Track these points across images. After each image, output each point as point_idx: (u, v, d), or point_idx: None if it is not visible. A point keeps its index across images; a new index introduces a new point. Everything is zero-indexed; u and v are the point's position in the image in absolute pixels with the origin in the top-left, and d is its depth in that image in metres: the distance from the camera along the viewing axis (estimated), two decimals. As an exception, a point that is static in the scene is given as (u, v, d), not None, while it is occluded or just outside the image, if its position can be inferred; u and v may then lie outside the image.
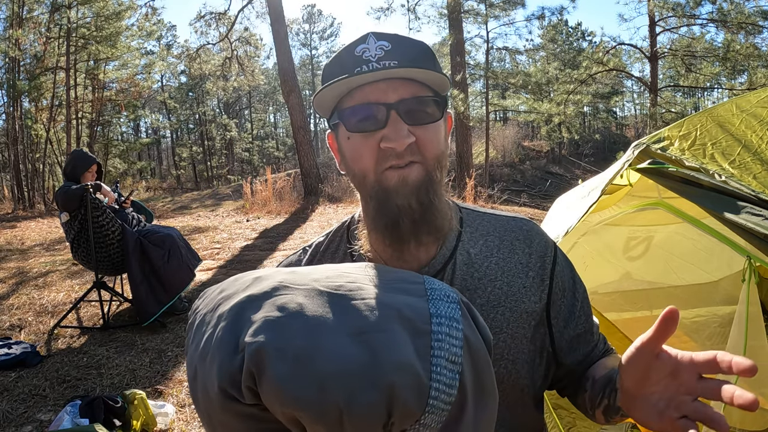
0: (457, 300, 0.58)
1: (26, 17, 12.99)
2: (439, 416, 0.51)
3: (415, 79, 0.70)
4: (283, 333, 0.51)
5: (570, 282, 0.83)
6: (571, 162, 22.85)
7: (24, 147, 13.29)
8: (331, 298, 0.55)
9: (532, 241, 0.81)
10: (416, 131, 0.69)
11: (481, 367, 0.56)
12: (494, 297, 0.76)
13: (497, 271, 0.78)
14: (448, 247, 0.78)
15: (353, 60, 0.70)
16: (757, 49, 13.69)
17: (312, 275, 0.60)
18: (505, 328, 0.75)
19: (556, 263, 0.81)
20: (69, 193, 3.58)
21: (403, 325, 0.53)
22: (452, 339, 0.53)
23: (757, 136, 1.65)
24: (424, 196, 0.69)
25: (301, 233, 7.53)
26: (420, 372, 0.50)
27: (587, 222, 2.11)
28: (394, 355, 0.50)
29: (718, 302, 2.39)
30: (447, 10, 14.16)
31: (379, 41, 0.71)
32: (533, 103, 17.29)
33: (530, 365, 0.78)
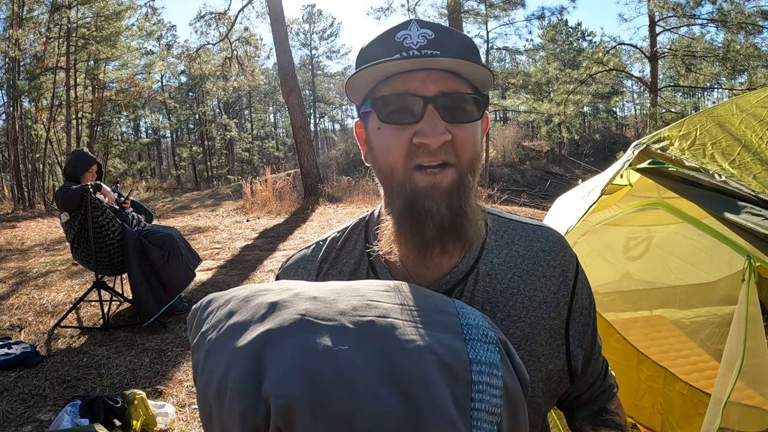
0: (495, 340, 0.54)
1: (26, 17, 12.99)
2: None
3: (458, 73, 0.65)
4: (314, 385, 0.46)
5: (587, 300, 0.79)
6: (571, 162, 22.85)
7: (24, 147, 13.29)
8: (364, 339, 0.50)
9: (557, 254, 0.76)
10: (453, 129, 0.64)
11: (517, 413, 0.53)
12: (515, 311, 0.71)
13: (520, 284, 0.73)
14: (472, 255, 0.73)
15: (393, 46, 0.66)
16: (757, 49, 13.70)
17: (337, 305, 0.55)
18: (524, 345, 0.71)
19: (578, 279, 0.77)
20: (69, 193, 3.58)
21: (442, 372, 0.49)
22: (492, 389, 0.50)
23: (757, 136, 1.65)
24: (455, 202, 0.65)
25: (301, 233, 7.53)
26: (460, 426, 0.47)
27: (587, 222, 2.11)
28: (434, 410, 0.46)
29: (718, 302, 2.39)
30: (447, 10, 14.16)
31: (422, 29, 0.66)
32: (533, 103, 17.30)
33: (546, 384, 0.74)
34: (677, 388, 2.13)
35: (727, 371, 1.41)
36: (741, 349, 1.37)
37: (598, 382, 0.85)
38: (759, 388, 1.53)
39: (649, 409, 2.18)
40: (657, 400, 2.17)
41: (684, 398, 2.09)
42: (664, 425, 2.12)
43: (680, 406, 2.09)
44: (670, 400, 2.13)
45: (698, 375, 2.20)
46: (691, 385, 2.10)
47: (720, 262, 2.40)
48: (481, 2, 14.41)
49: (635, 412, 2.21)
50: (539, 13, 15.66)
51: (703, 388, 2.08)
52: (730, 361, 1.41)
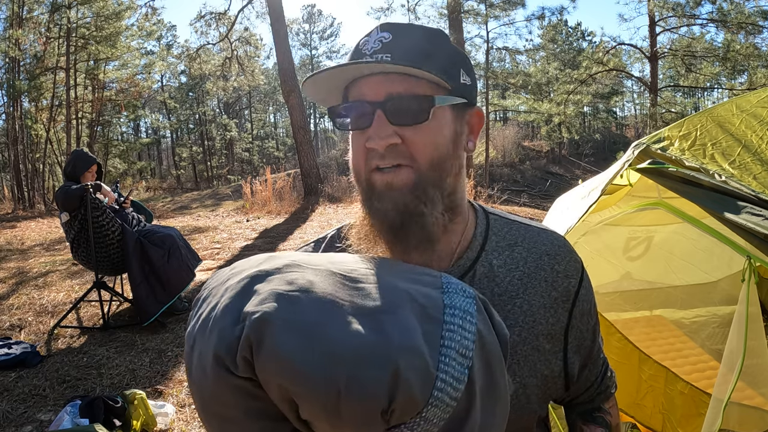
0: (474, 296, 0.55)
1: (26, 17, 12.99)
2: (443, 411, 0.48)
3: (411, 74, 0.64)
4: (290, 306, 0.49)
5: (588, 306, 0.78)
6: (571, 162, 22.85)
7: (24, 147, 13.29)
8: (344, 279, 0.54)
9: (561, 259, 0.75)
10: (403, 132, 0.64)
11: (494, 366, 0.53)
12: (513, 315, 0.70)
13: (520, 287, 0.72)
14: (470, 256, 0.72)
15: (355, 53, 0.68)
16: (757, 49, 13.70)
17: (327, 258, 0.59)
18: (519, 349, 0.70)
19: (582, 285, 0.76)
20: (69, 193, 3.58)
21: (415, 310, 0.51)
22: (465, 332, 0.50)
23: (757, 136, 1.65)
24: (410, 203, 0.64)
25: (301, 233, 7.53)
26: (428, 359, 0.47)
27: (587, 222, 2.11)
28: (402, 338, 0.48)
29: (718, 302, 2.39)
30: (447, 10, 14.16)
31: (381, 32, 0.66)
32: (533, 103, 17.30)
33: (541, 389, 0.73)
34: (678, 387, 2.12)
35: (727, 371, 1.41)
36: (741, 350, 1.37)
37: (594, 386, 0.85)
38: (759, 388, 1.53)
39: (650, 409, 2.18)
40: (658, 399, 2.17)
41: (685, 398, 2.09)
42: (665, 425, 2.12)
43: (681, 405, 2.09)
44: (671, 400, 2.13)
45: (698, 375, 2.20)
46: (693, 385, 2.10)
47: (720, 262, 2.40)
48: (481, 2, 14.40)
49: (636, 411, 2.21)
50: (539, 13, 15.65)
51: (704, 388, 2.08)
52: (731, 361, 1.41)
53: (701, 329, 2.45)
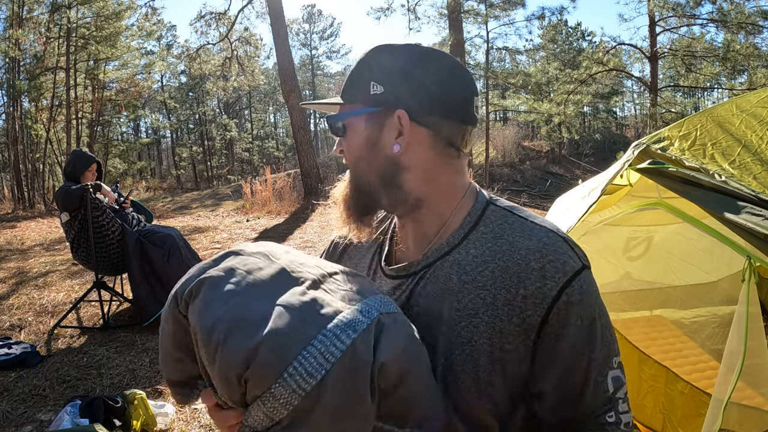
0: (374, 318, 0.63)
1: (26, 17, 12.99)
2: (290, 396, 0.56)
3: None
4: (230, 278, 0.65)
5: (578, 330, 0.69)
6: (571, 162, 22.84)
7: (24, 147, 13.29)
8: (283, 275, 0.66)
9: (543, 257, 0.70)
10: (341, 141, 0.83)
11: (358, 378, 0.59)
12: (473, 305, 0.70)
13: (489, 279, 0.71)
14: (451, 242, 0.76)
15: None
16: (757, 49, 13.69)
17: (295, 258, 0.72)
18: (476, 340, 0.69)
19: (565, 293, 0.68)
20: (69, 193, 3.57)
21: (306, 312, 0.61)
22: (337, 341, 0.58)
23: (757, 136, 1.65)
24: (349, 192, 0.83)
25: (301, 233, 7.53)
26: (290, 347, 0.57)
27: (587, 222, 2.11)
28: (278, 324, 0.58)
29: (718, 302, 2.39)
30: (447, 10, 14.16)
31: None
32: (533, 103, 17.29)
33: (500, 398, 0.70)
34: (679, 387, 2.12)
35: (727, 371, 1.41)
36: (741, 350, 1.37)
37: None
38: (759, 388, 1.53)
39: (651, 409, 2.18)
40: (658, 399, 2.17)
41: (685, 398, 2.09)
42: (665, 425, 2.12)
43: (681, 405, 2.09)
44: (672, 400, 2.13)
45: (698, 375, 2.20)
46: (693, 385, 2.10)
47: (720, 262, 2.40)
48: (481, 2, 14.39)
49: (636, 411, 2.21)
50: (539, 13, 15.63)
51: (704, 388, 2.08)
52: (731, 361, 1.41)
53: (701, 329, 2.45)
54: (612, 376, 0.71)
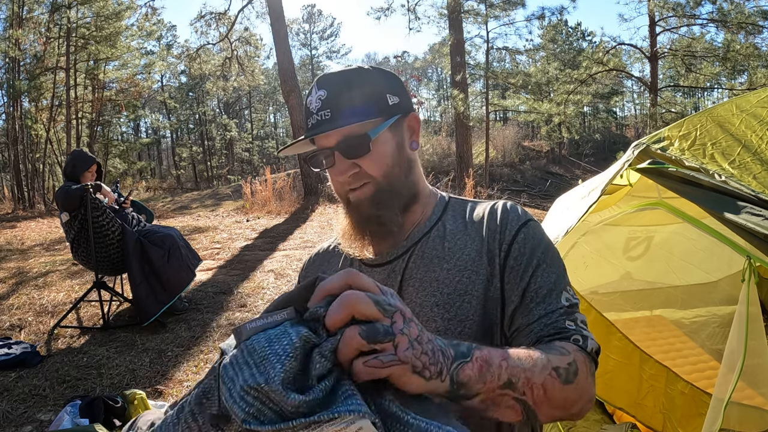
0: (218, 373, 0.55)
1: (26, 17, 12.98)
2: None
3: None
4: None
5: (530, 249, 0.86)
6: (571, 162, 22.84)
7: (24, 147, 13.29)
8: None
9: (500, 214, 0.90)
10: (358, 161, 0.86)
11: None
12: (461, 262, 0.87)
13: (467, 241, 0.89)
14: (429, 224, 0.93)
15: (306, 111, 0.88)
16: (757, 49, 13.68)
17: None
18: (471, 290, 0.85)
19: (521, 231, 0.88)
20: (69, 192, 3.58)
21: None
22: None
23: (757, 136, 1.65)
24: (371, 211, 0.87)
25: (301, 233, 7.53)
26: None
27: (587, 222, 2.11)
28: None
29: (718, 302, 2.39)
30: (447, 11, 14.15)
31: (319, 90, 0.86)
32: (533, 103, 17.28)
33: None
34: (679, 387, 2.12)
35: (728, 371, 1.41)
36: (742, 350, 1.37)
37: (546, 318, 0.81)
38: (759, 388, 1.53)
39: (651, 409, 2.18)
40: (659, 399, 2.17)
41: (686, 397, 2.09)
42: (665, 425, 2.12)
43: (682, 405, 2.09)
44: (672, 400, 2.13)
45: (698, 375, 2.20)
46: (693, 385, 2.10)
47: (720, 262, 2.40)
48: (481, 2, 14.37)
49: (637, 411, 2.20)
50: (539, 13, 15.60)
51: (704, 388, 2.08)
52: (731, 361, 1.41)
53: (701, 329, 2.45)
54: (565, 296, 0.84)
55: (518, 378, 0.65)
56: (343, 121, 0.83)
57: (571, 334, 0.79)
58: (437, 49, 16.79)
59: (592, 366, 0.79)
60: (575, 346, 0.77)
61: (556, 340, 0.78)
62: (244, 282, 4.90)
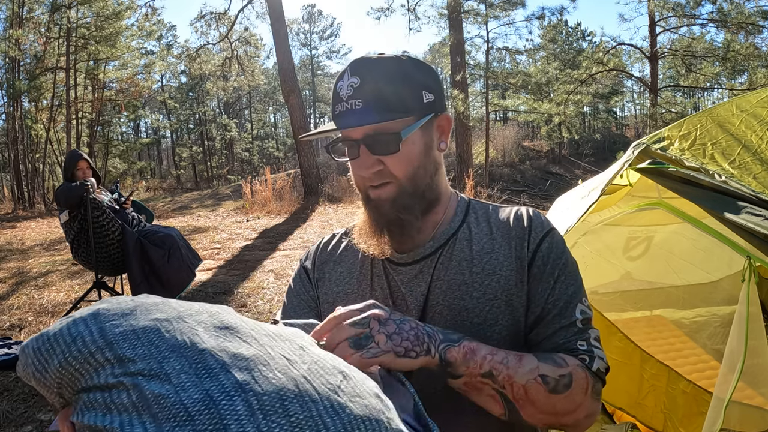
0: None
1: (26, 17, 12.99)
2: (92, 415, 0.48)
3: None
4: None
5: (553, 258, 0.87)
6: (571, 162, 22.84)
7: (24, 147, 13.29)
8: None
9: (526, 222, 0.91)
10: (383, 159, 0.83)
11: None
12: (490, 266, 0.87)
13: (494, 245, 0.89)
14: (453, 226, 0.91)
15: (335, 96, 0.84)
16: (757, 49, 13.69)
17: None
18: (500, 295, 0.86)
19: (545, 240, 0.89)
20: (70, 190, 3.59)
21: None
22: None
23: (757, 136, 1.65)
24: (400, 207, 0.85)
25: (301, 233, 7.53)
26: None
27: (587, 222, 2.11)
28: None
29: (718, 302, 2.39)
30: (447, 11, 14.16)
31: (351, 77, 0.81)
32: (533, 103, 17.28)
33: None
34: (681, 386, 2.12)
35: (728, 371, 1.41)
36: (742, 350, 1.37)
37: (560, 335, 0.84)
38: (759, 388, 1.53)
39: (652, 408, 2.18)
40: (660, 399, 2.17)
41: (687, 397, 2.09)
42: (666, 424, 2.12)
43: (683, 404, 2.09)
44: (673, 399, 2.13)
45: (698, 375, 2.20)
46: (695, 384, 2.10)
47: (720, 261, 2.39)
48: (481, 2, 14.38)
49: (638, 411, 2.20)
50: (539, 13, 15.61)
51: (705, 388, 2.08)
52: (731, 361, 1.41)
53: (702, 329, 2.45)
54: (580, 308, 0.87)
55: (499, 372, 0.75)
56: (375, 117, 0.79)
57: (580, 354, 0.83)
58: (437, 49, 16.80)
59: (597, 384, 0.82)
60: (578, 362, 0.81)
61: (561, 352, 0.83)
62: (244, 282, 4.90)
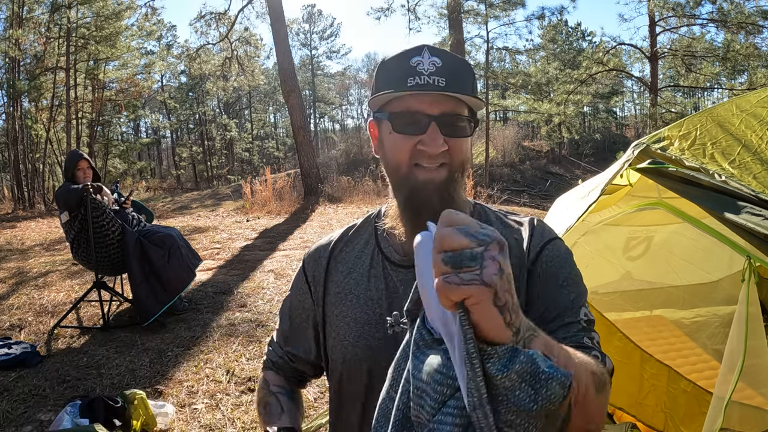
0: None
1: (26, 17, 12.98)
2: None
3: (458, 98, 0.83)
4: None
5: (558, 264, 0.89)
6: (571, 162, 22.84)
7: (24, 147, 13.29)
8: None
9: (524, 230, 0.93)
10: (449, 141, 0.83)
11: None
12: None
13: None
14: None
15: (408, 69, 0.82)
16: (757, 49, 13.70)
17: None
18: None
19: (545, 248, 0.90)
20: (70, 191, 3.59)
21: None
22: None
23: (757, 136, 1.65)
24: (445, 193, 0.84)
25: (301, 233, 7.53)
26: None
27: (587, 222, 2.11)
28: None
29: (718, 302, 2.38)
30: (447, 11, 14.16)
31: (432, 56, 0.83)
32: (533, 103, 17.29)
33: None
34: (681, 386, 2.12)
35: (728, 371, 1.41)
36: (742, 350, 1.37)
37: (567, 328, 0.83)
38: (759, 388, 1.53)
39: (652, 408, 2.18)
40: (660, 398, 2.17)
41: (688, 396, 2.09)
42: (666, 424, 2.12)
43: (684, 404, 2.09)
44: (674, 398, 2.13)
45: (698, 375, 2.20)
46: (695, 383, 2.10)
47: (720, 261, 2.39)
48: (481, 2, 14.38)
49: (638, 410, 2.20)
50: (539, 13, 15.63)
51: (704, 388, 2.08)
52: (731, 361, 1.41)
53: (701, 329, 2.45)
54: (583, 311, 0.87)
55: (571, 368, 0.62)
56: (465, 91, 0.82)
57: (590, 350, 0.80)
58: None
59: (610, 383, 0.79)
60: (597, 361, 0.77)
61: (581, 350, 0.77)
62: (244, 282, 4.90)
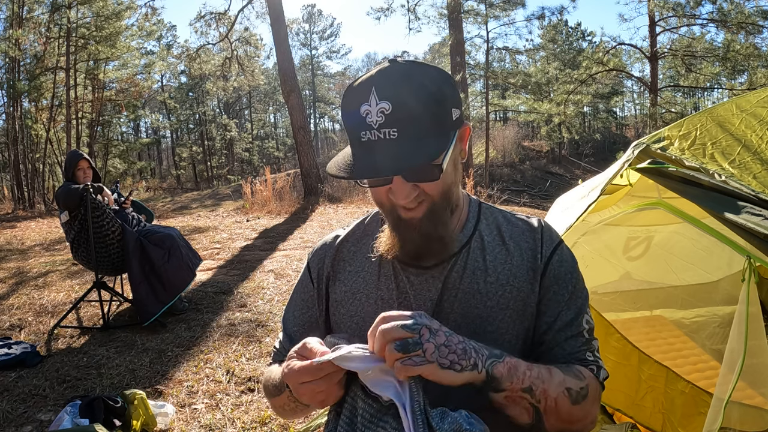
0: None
1: (26, 17, 12.98)
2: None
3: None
4: None
5: (562, 274, 0.91)
6: (571, 162, 22.84)
7: (24, 147, 13.28)
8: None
9: (534, 234, 0.93)
10: (421, 184, 0.80)
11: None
12: (503, 277, 0.89)
13: (506, 255, 0.91)
14: (466, 233, 0.92)
15: (359, 121, 0.75)
16: (757, 49, 13.70)
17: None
18: (511, 305, 0.88)
19: (555, 253, 0.91)
20: (70, 191, 3.58)
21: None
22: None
23: (757, 136, 1.65)
24: (428, 228, 0.83)
25: (301, 233, 7.53)
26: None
27: (587, 222, 2.11)
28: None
29: (718, 302, 2.39)
30: (447, 11, 14.17)
31: (380, 102, 0.73)
32: (533, 103, 17.30)
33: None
34: (679, 387, 2.12)
35: (728, 371, 1.41)
36: (742, 350, 1.37)
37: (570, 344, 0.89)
38: (759, 388, 1.53)
39: (650, 409, 2.18)
40: (658, 399, 2.17)
41: (686, 397, 2.09)
42: (665, 425, 2.12)
43: (682, 405, 2.09)
44: (672, 400, 2.13)
45: (698, 375, 2.20)
46: (694, 384, 2.10)
47: (720, 261, 2.39)
48: (481, 2, 14.39)
49: (636, 412, 2.20)
50: (539, 13, 15.64)
51: (704, 388, 2.07)
52: (731, 361, 1.41)
53: (701, 329, 2.45)
54: (585, 318, 0.91)
55: (537, 387, 0.77)
56: (417, 155, 0.73)
57: (590, 364, 0.89)
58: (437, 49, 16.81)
59: (601, 391, 0.90)
60: (591, 374, 0.88)
61: (577, 364, 0.88)
62: (244, 282, 4.90)
